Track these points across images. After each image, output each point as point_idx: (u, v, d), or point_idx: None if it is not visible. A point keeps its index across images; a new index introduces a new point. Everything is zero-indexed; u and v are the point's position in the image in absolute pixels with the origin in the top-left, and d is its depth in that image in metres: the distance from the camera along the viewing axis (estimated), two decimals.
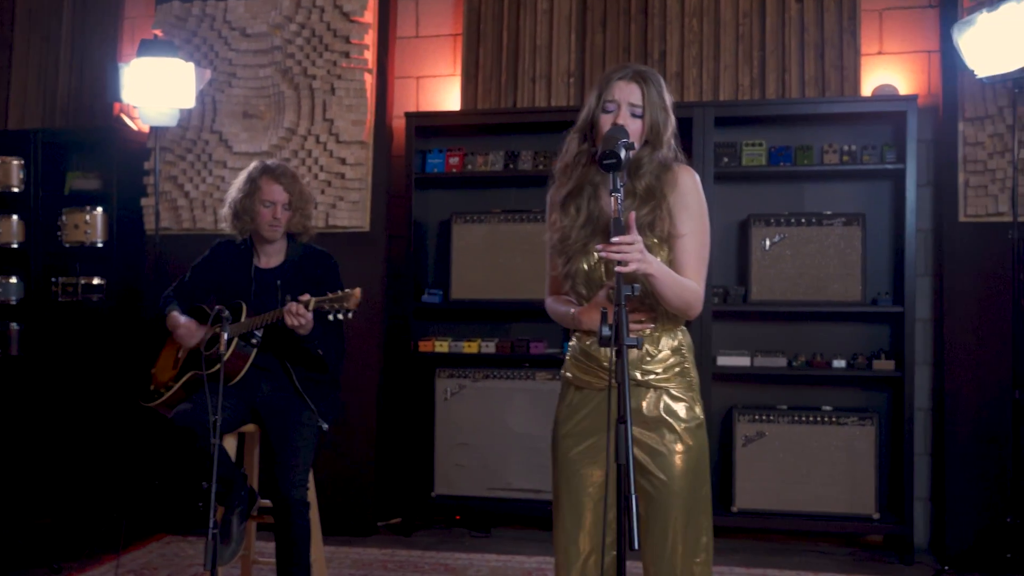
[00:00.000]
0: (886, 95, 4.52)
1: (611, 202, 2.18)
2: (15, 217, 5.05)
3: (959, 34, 3.94)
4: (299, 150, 4.93)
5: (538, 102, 4.91)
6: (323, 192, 4.87)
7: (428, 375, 4.87)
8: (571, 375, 2.51)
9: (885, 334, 4.60)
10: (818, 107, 4.54)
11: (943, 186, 4.47)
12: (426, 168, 4.93)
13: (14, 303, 5.07)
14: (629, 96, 2.38)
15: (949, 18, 4.45)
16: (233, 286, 3.55)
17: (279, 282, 3.50)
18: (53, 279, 5.04)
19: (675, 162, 2.43)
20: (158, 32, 5.09)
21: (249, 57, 5.01)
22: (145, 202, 5.05)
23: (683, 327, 2.47)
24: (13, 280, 5.09)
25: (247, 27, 5.00)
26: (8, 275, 5.09)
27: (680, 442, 2.38)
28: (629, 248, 2.10)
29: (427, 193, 5.07)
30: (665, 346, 2.41)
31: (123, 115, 5.27)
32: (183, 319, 3.52)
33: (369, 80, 4.90)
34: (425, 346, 4.84)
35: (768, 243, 4.58)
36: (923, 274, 4.58)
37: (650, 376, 2.38)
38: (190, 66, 4.63)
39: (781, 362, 4.54)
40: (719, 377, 4.61)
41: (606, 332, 2.07)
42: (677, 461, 2.38)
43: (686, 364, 2.44)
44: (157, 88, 4.53)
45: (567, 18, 4.94)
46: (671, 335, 2.42)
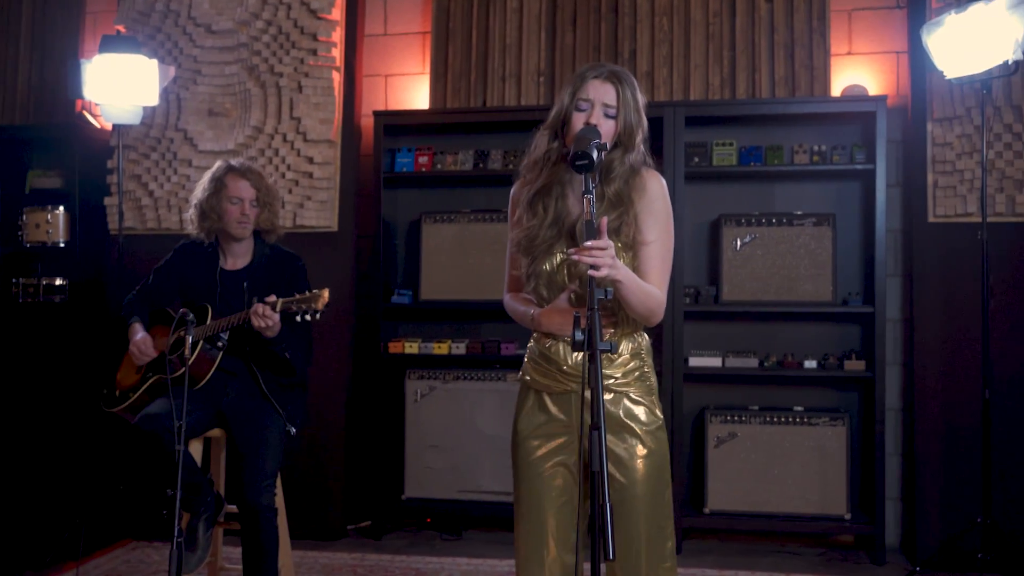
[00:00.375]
0: (855, 95, 4.52)
1: (583, 203, 2.15)
2: None
3: (928, 35, 3.95)
4: (266, 149, 4.85)
5: (508, 101, 4.87)
6: (290, 192, 4.80)
7: (398, 377, 4.82)
8: (529, 378, 2.47)
9: (856, 334, 4.61)
10: (788, 107, 4.53)
11: (912, 186, 4.48)
12: (395, 167, 4.87)
13: None
14: (604, 96, 2.35)
15: (917, 19, 4.47)
16: (198, 288, 3.49)
17: (246, 283, 3.44)
18: (14, 280, 4.92)
19: (644, 167, 2.40)
20: (120, 28, 4.99)
21: (215, 54, 4.93)
22: (108, 201, 4.95)
23: (642, 330, 2.45)
24: None
25: (212, 23, 4.91)
26: None
27: (642, 445, 2.36)
28: (601, 253, 2.07)
29: (396, 192, 5.01)
30: (625, 350, 2.38)
31: (85, 112, 5.16)
32: (139, 335, 3.44)
33: (337, 78, 4.84)
34: (395, 347, 4.79)
35: (739, 243, 4.57)
36: (893, 274, 4.59)
37: (610, 380, 2.35)
38: (153, 63, 4.54)
39: (753, 363, 4.53)
40: (690, 378, 4.59)
41: (579, 336, 2.04)
42: (639, 465, 2.36)
43: (645, 368, 2.42)
44: (120, 85, 4.44)
45: (537, 17, 4.90)
46: (630, 339, 2.40)
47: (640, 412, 2.37)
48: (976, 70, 3.82)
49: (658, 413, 2.41)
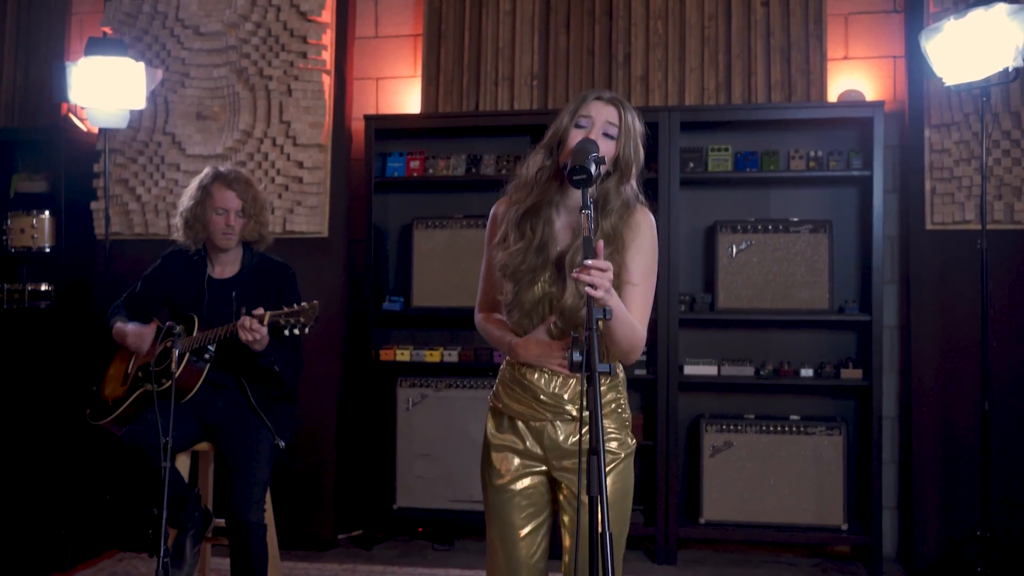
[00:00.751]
0: (852, 101, 4.47)
1: (570, 230, 2.10)
2: None
3: (927, 41, 3.89)
4: (255, 153, 4.78)
5: (500, 105, 4.80)
6: (280, 196, 4.73)
7: (389, 384, 4.75)
8: (502, 404, 2.41)
9: (852, 342, 4.56)
10: (784, 112, 4.48)
11: (910, 193, 4.43)
12: (386, 172, 4.80)
13: None
14: (607, 115, 2.31)
15: (915, 23, 4.42)
16: (185, 297, 3.42)
17: (234, 293, 3.37)
18: None
19: (637, 202, 2.36)
20: (107, 29, 4.91)
21: (203, 56, 4.86)
22: (95, 206, 4.87)
23: (618, 362, 2.39)
24: None
25: (200, 25, 4.84)
26: None
27: (611, 471, 2.32)
28: (601, 275, 2.01)
29: (387, 197, 4.94)
30: (604, 382, 2.33)
31: (71, 115, 5.07)
32: (130, 326, 3.37)
33: (327, 81, 4.77)
34: (386, 355, 4.72)
35: (735, 250, 4.52)
36: (890, 281, 4.54)
37: (587, 412, 2.29)
38: (140, 66, 4.46)
39: (748, 371, 4.48)
40: (685, 386, 4.54)
41: (577, 357, 1.98)
42: (608, 490, 2.31)
43: (622, 401, 2.39)
44: (106, 88, 4.36)
45: (530, 19, 4.84)
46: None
47: (611, 442, 2.34)
48: (976, 77, 3.76)
49: (630, 442, 2.38)
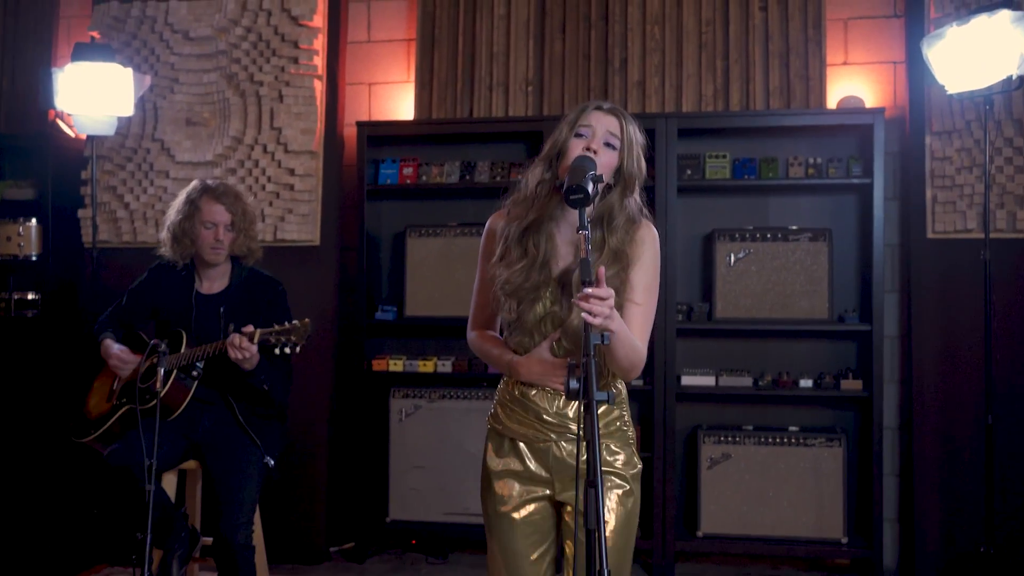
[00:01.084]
0: (852, 107, 4.40)
1: (572, 245, 2.02)
2: None
3: (928, 48, 3.82)
4: (245, 160, 4.70)
5: (495, 111, 4.72)
6: (271, 204, 4.65)
7: (382, 395, 4.68)
8: (501, 426, 2.33)
9: (852, 352, 4.50)
10: (783, 119, 4.40)
11: (911, 201, 4.36)
12: (379, 179, 4.73)
13: None
14: (608, 125, 2.24)
15: (916, 28, 4.36)
16: (173, 312, 3.34)
17: (222, 309, 3.30)
18: None
19: (641, 216, 2.30)
20: (95, 34, 4.83)
21: (192, 61, 4.78)
22: (82, 213, 4.79)
23: (619, 379, 2.34)
24: None
25: (190, 30, 4.76)
26: None
27: (617, 494, 2.25)
28: (601, 304, 1.94)
29: (380, 205, 4.87)
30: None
31: (59, 121, 4.99)
32: (116, 348, 3.30)
33: (319, 87, 4.69)
34: (379, 365, 4.65)
35: (733, 258, 4.45)
36: (891, 291, 4.47)
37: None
38: (128, 72, 4.37)
39: (747, 381, 4.42)
40: (683, 397, 4.46)
41: (574, 384, 1.91)
42: (611, 515, 2.25)
43: (625, 417, 2.33)
44: (93, 95, 4.26)
45: (525, 24, 4.76)
46: (612, 388, 2.30)
47: (618, 461, 2.27)
48: (979, 85, 3.68)
49: (636, 461, 2.31)
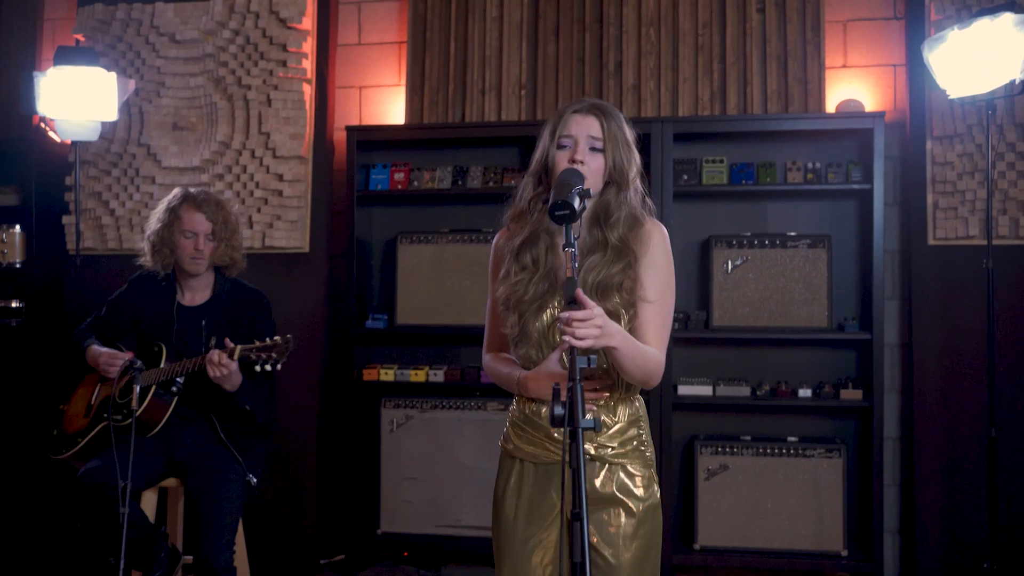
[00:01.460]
0: (851, 111, 4.31)
1: (565, 258, 1.93)
2: None
3: (929, 51, 3.72)
4: (233, 165, 4.61)
5: (488, 115, 4.63)
6: (259, 210, 4.56)
7: (373, 405, 4.59)
8: (512, 446, 2.25)
9: (852, 360, 4.41)
10: (781, 123, 4.31)
11: (911, 207, 4.27)
12: (369, 184, 4.63)
13: None
14: (588, 129, 2.15)
15: (916, 31, 4.27)
16: (153, 325, 3.25)
17: (204, 321, 3.21)
18: None
19: (645, 213, 2.21)
20: (79, 37, 4.74)
21: (179, 65, 4.68)
22: (67, 220, 4.70)
23: (638, 393, 2.24)
24: None
25: (176, 33, 4.67)
26: None
27: (634, 525, 2.15)
28: (582, 325, 1.85)
29: (370, 211, 4.77)
30: (622, 416, 2.17)
31: (43, 125, 4.89)
32: (104, 349, 3.21)
33: (308, 91, 4.59)
34: (369, 374, 4.56)
35: (730, 266, 4.36)
36: (891, 298, 4.38)
37: (606, 451, 2.14)
38: (112, 76, 4.26)
39: (744, 391, 4.33)
40: (680, 406, 4.38)
41: (558, 411, 1.82)
42: (630, 546, 2.15)
43: (644, 436, 2.22)
44: (76, 100, 4.16)
45: (518, 26, 4.67)
46: (627, 404, 2.20)
47: (636, 488, 2.17)
48: (981, 90, 3.59)
49: (655, 489, 2.21)
